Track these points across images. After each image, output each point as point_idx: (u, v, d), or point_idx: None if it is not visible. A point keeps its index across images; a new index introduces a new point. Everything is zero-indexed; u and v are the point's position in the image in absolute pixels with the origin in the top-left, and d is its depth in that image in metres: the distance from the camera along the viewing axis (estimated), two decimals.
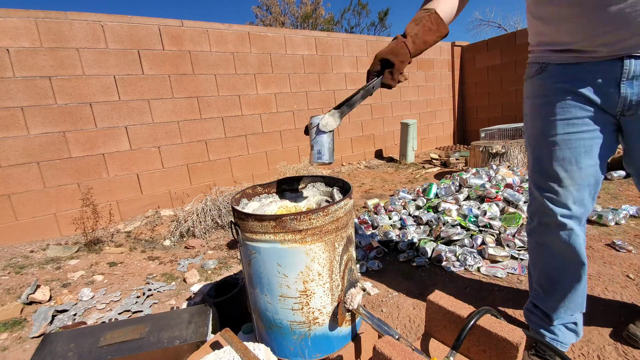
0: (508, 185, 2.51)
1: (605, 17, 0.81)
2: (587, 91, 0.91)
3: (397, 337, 0.83)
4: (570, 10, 0.85)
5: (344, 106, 0.93)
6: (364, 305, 1.50)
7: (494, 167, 3.15)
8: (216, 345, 0.88)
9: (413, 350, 0.75)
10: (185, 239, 2.57)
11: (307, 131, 0.96)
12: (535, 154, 1.02)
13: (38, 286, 1.81)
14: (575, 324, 1.11)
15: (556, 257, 1.05)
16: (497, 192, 2.41)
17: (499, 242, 1.90)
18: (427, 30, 0.91)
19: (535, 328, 1.14)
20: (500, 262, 1.75)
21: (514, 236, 1.87)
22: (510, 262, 1.74)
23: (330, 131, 0.92)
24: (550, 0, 0.89)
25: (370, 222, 2.36)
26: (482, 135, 4.44)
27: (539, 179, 1.01)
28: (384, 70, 0.91)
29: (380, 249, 2.01)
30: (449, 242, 1.97)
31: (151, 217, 3.05)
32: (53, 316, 1.59)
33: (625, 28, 0.80)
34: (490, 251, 1.77)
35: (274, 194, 1.16)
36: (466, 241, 1.92)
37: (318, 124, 0.91)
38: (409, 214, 2.41)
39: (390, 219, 2.39)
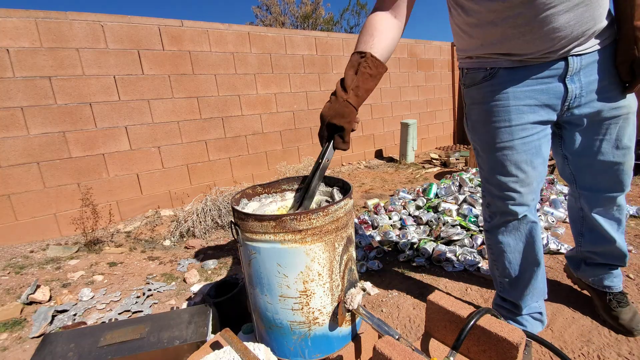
0: None
1: (553, 31, 0.87)
2: (538, 94, 0.96)
3: (397, 337, 0.83)
4: (517, 30, 0.89)
5: (305, 201, 0.94)
6: (364, 305, 1.49)
7: None
8: (216, 345, 0.88)
9: (413, 350, 0.75)
10: (185, 239, 2.57)
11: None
12: (491, 158, 1.06)
13: (38, 286, 1.81)
14: (540, 313, 1.21)
15: (517, 249, 1.14)
16: None
17: None
18: (366, 78, 0.86)
19: (505, 320, 1.18)
20: None
21: None
22: None
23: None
24: (493, 22, 0.91)
25: (370, 222, 2.36)
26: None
27: (498, 182, 1.07)
28: (334, 135, 0.89)
29: (380, 249, 2.01)
30: (449, 242, 1.97)
31: (151, 217, 3.05)
32: (53, 316, 1.59)
33: (570, 37, 0.88)
34: None
35: (274, 194, 1.16)
36: (466, 241, 1.92)
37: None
38: (409, 214, 2.41)
39: (390, 219, 2.39)
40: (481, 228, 2.07)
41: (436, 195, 2.63)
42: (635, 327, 1.17)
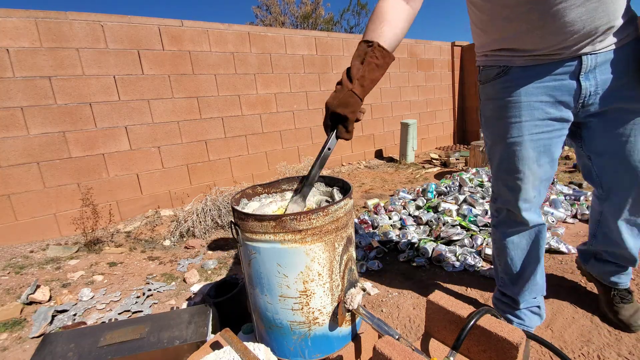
0: None
1: (565, 25, 0.87)
2: (550, 90, 0.96)
3: (397, 337, 0.83)
4: (530, 24, 0.91)
5: (305, 187, 0.95)
6: (364, 305, 1.50)
7: None
8: (216, 345, 0.88)
9: (413, 350, 0.75)
10: (185, 239, 2.57)
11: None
12: (500, 153, 1.08)
13: (38, 286, 1.81)
14: (538, 307, 1.22)
15: (519, 247, 1.15)
16: None
17: None
18: (373, 68, 0.84)
19: (503, 314, 1.24)
20: None
21: None
22: None
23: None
24: (508, 17, 0.93)
25: (370, 222, 2.36)
26: (482, 135, 4.44)
27: (505, 177, 1.08)
28: (337, 125, 0.88)
29: (380, 249, 2.01)
30: (449, 242, 1.97)
31: (151, 217, 3.05)
32: (53, 316, 1.59)
33: (583, 32, 0.88)
34: (488, 251, 1.77)
35: (274, 194, 1.16)
36: (466, 241, 1.92)
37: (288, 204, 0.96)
38: (409, 214, 2.41)
39: (390, 219, 2.39)
40: (481, 228, 2.07)
41: (436, 195, 2.63)
42: (633, 323, 1.17)
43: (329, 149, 0.91)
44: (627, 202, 1.06)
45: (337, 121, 0.87)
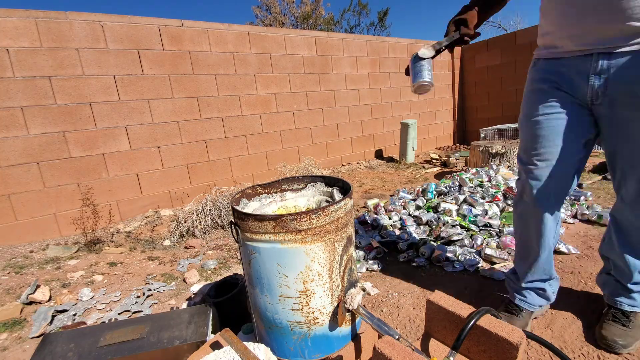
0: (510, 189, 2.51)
1: (571, 9, 0.97)
2: (562, 81, 1.06)
3: (397, 337, 0.83)
4: (548, 3, 1.05)
5: (435, 43, 1.10)
6: (364, 305, 1.50)
7: (494, 167, 3.15)
8: (216, 345, 0.88)
9: (413, 350, 0.75)
10: (185, 239, 2.57)
11: (407, 72, 1.13)
12: (521, 133, 1.18)
13: (38, 286, 1.81)
14: (543, 290, 1.25)
15: (528, 226, 1.20)
16: (495, 192, 2.42)
17: (499, 245, 1.89)
18: (472, 17, 1.09)
19: (510, 291, 1.31)
20: (497, 263, 1.75)
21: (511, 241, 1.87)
22: (509, 264, 1.73)
23: (426, 58, 1.09)
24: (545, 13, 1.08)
25: (370, 222, 2.36)
26: (482, 135, 4.44)
27: (524, 155, 1.16)
28: (460, 27, 1.07)
29: (380, 249, 2.01)
30: (449, 242, 1.97)
31: (151, 217, 3.05)
32: (53, 316, 1.59)
33: (587, 21, 0.95)
34: (488, 251, 1.77)
35: (274, 194, 1.16)
36: (466, 241, 1.92)
37: (416, 54, 1.09)
38: (409, 214, 2.41)
39: (390, 219, 2.39)
40: (481, 228, 2.07)
41: (437, 195, 2.63)
42: (613, 345, 1.11)
43: (453, 37, 1.08)
44: (627, 205, 1.08)
45: (460, 23, 1.08)
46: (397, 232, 2.17)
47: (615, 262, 1.18)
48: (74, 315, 1.61)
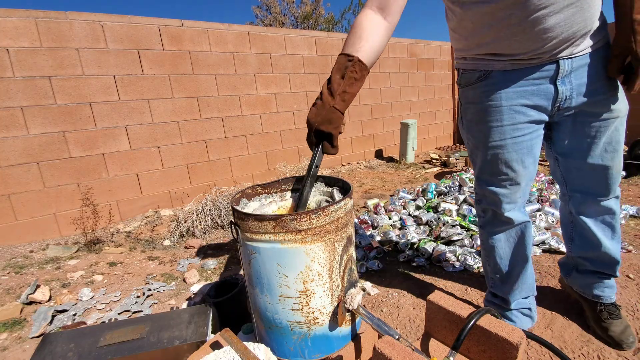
0: None
1: (544, 31, 0.89)
2: (529, 94, 0.99)
3: (397, 337, 0.83)
4: (510, 30, 0.92)
5: (299, 209, 0.96)
6: (364, 305, 1.50)
7: None
8: (216, 345, 0.88)
9: (413, 350, 0.75)
10: (185, 239, 2.57)
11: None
12: (484, 156, 1.10)
13: (38, 286, 1.81)
14: (529, 309, 1.24)
15: (507, 246, 1.18)
16: None
17: None
18: (352, 82, 0.86)
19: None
20: None
21: None
22: None
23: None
24: (488, 24, 0.95)
25: (370, 222, 2.36)
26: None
27: (490, 179, 1.12)
28: (322, 142, 0.89)
29: (380, 249, 2.01)
30: (449, 242, 1.97)
31: (151, 217, 3.05)
32: (53, 316, 1.59)
33: (561, 38, 0.90)
34: None
35: (274, 194, 1.16)
36: (466, 241, 1.92)
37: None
38: (409, 214, 2.41)
39: (390, 219, 2.39)
40: None
41: (437, 195, 2.63)
42: (625, 340, 1.13)
43: (317, 166, 0.93)
44: (592, 202, 1.10)
45: (322, 138, 0.89)
46: (397, 232, 2.17)
47: (595, 257, 1.17)
48: (74, 315, 1.61)
